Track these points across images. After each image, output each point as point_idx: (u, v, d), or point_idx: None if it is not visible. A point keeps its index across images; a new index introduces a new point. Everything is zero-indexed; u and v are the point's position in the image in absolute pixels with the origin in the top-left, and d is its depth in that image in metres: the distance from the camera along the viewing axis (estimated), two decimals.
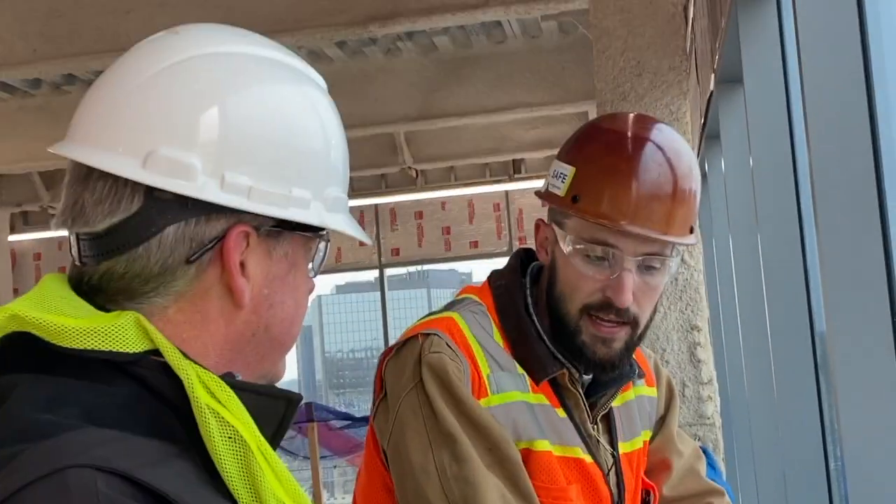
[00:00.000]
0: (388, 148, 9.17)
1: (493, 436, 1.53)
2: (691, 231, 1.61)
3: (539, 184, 1.70)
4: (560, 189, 1.61)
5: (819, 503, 3.51)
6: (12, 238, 10.58)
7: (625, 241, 1.56)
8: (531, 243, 1.71)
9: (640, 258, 1.57)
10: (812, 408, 3.58)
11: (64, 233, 0.98)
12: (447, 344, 1.57)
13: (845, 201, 2.15)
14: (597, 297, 1.58)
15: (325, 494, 10.52)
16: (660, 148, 1.60)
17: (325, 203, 1.00)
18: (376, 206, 10.52)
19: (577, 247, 1.58)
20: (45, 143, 0.99)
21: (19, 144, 7.91)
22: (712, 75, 3.88)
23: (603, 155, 1.60)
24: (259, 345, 0.98)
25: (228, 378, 0.92)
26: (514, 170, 9.95)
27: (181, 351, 0.91)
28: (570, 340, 1.60)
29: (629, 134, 1.61)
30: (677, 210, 1.57)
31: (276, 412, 0.96)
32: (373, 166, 9.36)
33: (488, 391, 1.56)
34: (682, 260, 3.75)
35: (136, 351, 0.90)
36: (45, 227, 10.42)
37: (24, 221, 10.79)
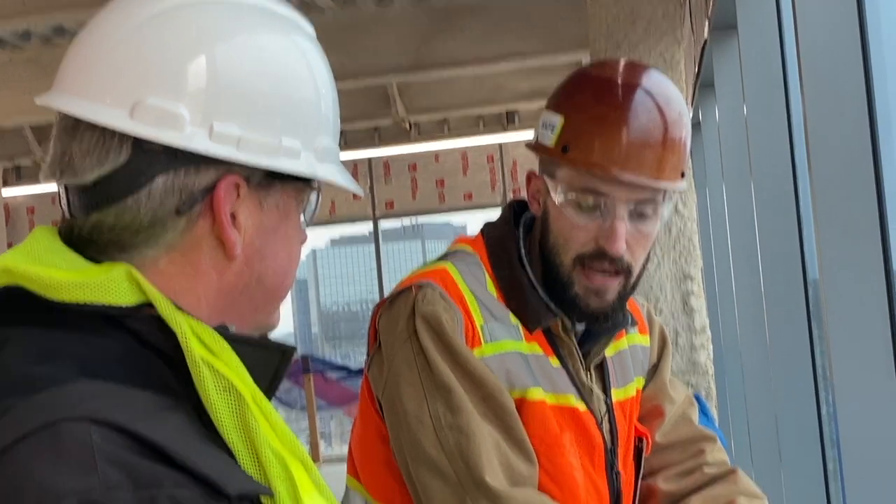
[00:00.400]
0: (380, 100, 9.11)
1: (488, 385, 1.54)
2: (682, 176, 1.61)
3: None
4: (550, 139, 1.60)
5: (810, 448, 3.55)
6: (5, 192, 10.55)
7: (616, 189, 1.55)
8: (525, 195, 1.71)
9: (632, 205, 1.57)
10: (804, 354, 3.60)
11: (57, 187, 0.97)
12: (441, 295, 1.57)
13: (840, 148, 2.14)
14: (590, 246, 1.58)
15: (322, 444, 10.60)
16: (649, 94, 1.59)
17: (316, 153, 1.00)
18: (370, 159, 10.48)
19: (569, 196, 1.58)
20: (36, 97, 0.98)
21: (10, 98, 7.85)
22: (706, 22, 3.85)
23: (592, 103, 1.59)
24: (252, 296, 0.98)
25: (222, 330, 0.92)
26: (508, 121, 9.90)
27: (173, 303, 0.91)
28: (563, 292, 1.60)
29: (619, 81, 1.60)
30: (668, 156, 1.57)
31: (270, 364, 0.96)
32: (365, 118, 9.30)
33: (482, 341, 1.57)
34: (676, 210, 3.75)
35: (129, 303, 0.89)
36: (39, 181, 10.35)
37: (16, 176, 10.75)
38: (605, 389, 1.70)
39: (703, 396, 3.54)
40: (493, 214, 1.75)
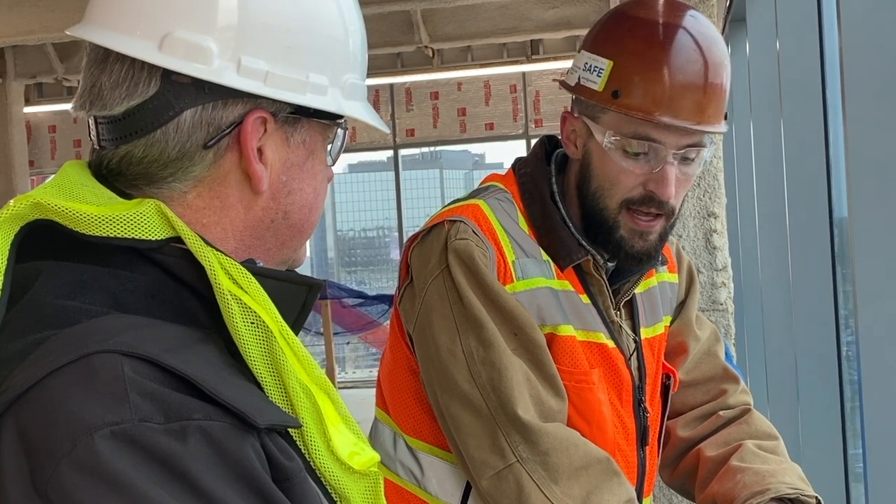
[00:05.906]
0: (404, 26, 9.02)
1: (519, 320, 1.54)
2: (725, 119, 1.61)
3: (557, 66, 1.68)
4: (597, 84, 1.58)
5: (829, 389, 3.55)
6: (27, 110, 10.54)
7: (667, 135, 1.55)
8: (548, 126, 1.70)
9: (682, 151, 1.56)
10: (827, 294, 3.58)
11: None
12: (473, 230, 1.57)
13: (874, 86, 2.10)
14: (638, 191, 1.58)
15: (337, 369, 10.70)
16: (694, 37, 1.58)
17: (343, 90, 1.00)
18: (391, 85, 10.41)
19: (616, 140, 1.57)
20: (59, 14, 0.97)
21: (33, 15, 7.80)
22: None
23: (643, 48, 1.57)
24: (278, 231, 0.98)
25: (250, 265, 0.92)
26: (532, 51, 9.78)
27: (202, 237, 0.91)
28: (608, 236, 1.60)
29: (664, 23, 1.58)
30: (713, 100, 1.57)
31: (297, 298, 0.96)
32: (388, 45, 9.22)
33: (514, 277, 1.57)
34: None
35: (159, 238, 0.90)
36: (60, 99, 10.37)
37: (38, 93, 10.73)
38: (634, 327, 1.71)
39: (723, 335, 3.53)
40: (515, 145, 1.74)
